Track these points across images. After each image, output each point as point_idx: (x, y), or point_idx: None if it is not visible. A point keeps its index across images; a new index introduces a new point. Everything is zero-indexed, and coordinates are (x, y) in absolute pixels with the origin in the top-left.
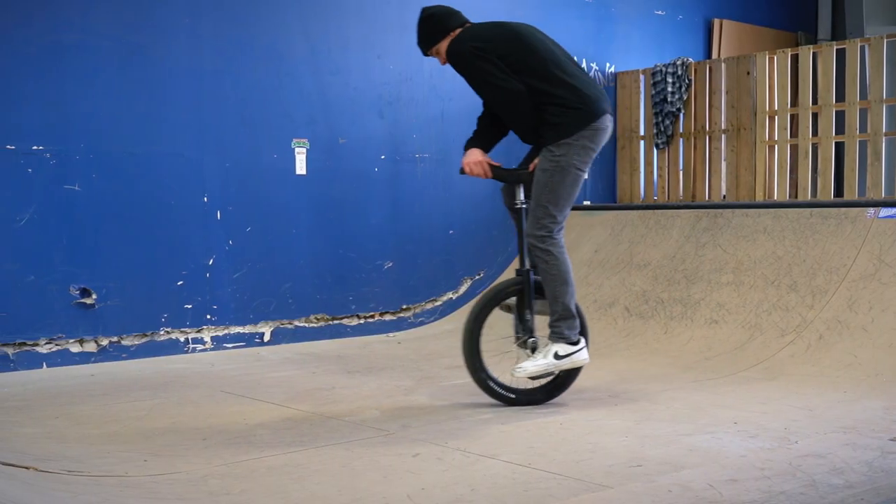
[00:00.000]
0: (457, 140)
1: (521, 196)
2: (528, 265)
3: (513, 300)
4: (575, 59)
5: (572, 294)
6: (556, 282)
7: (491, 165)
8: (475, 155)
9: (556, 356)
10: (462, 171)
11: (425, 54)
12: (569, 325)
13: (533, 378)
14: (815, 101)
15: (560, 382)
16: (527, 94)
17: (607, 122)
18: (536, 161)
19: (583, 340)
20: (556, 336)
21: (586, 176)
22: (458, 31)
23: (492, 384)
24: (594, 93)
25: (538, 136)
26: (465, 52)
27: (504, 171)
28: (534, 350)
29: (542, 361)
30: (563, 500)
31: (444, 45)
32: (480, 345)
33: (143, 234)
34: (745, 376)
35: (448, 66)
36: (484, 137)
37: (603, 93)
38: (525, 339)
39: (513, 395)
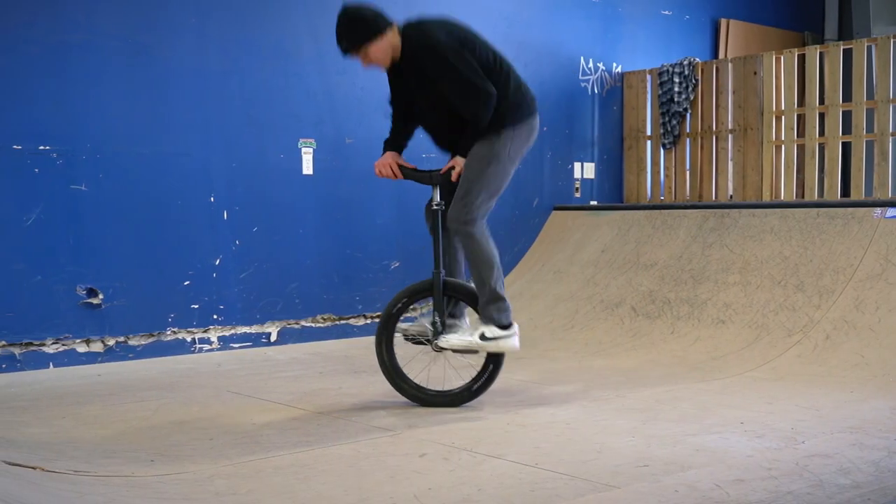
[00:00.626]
0: None
1: (438, 197)
2: (443, 269)
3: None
4: None
5: (499, 277)
6: (483, 265)
7: (402, 167)
8: (386, 157)
9: (483, 337)
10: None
11: (347, 54)
12: (498, 308)
13: (455, 351)
14: (821, 101)
15: (483, 383)
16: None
17: (538, 121)
18: (451, 163)
19: (515, 326)
20: (487, 319)
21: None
22: (390, 30)
23: (405, 385)
24: (532, 92)
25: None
26: (447, 46)
27: (416, 172)
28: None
29: (468, 338)
30: (570, 500)
31: (374, 46)
32: (394, 350)
33: (150, 234)
34: (752, 376)
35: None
36: (398, 138)
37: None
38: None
39: (429, 395)
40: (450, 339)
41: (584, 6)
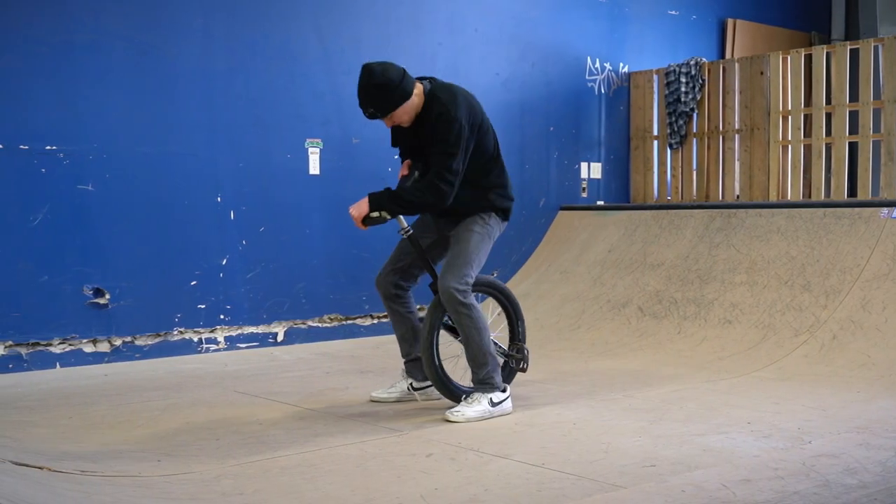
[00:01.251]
0: None
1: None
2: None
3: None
4: None
5: (490, 341)
6: (479, 333)
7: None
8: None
9: (492, 403)
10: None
11: (373, 118)
12: (497, 373)
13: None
14: (828, 101)
15: None
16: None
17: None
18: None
19: (508, 388)
20: (490, 387)
21: None
22: (415, 90)
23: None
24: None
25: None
26: (462, 128)
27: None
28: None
29: (480, 408)
30: (577, 500)
31: (402, 109)
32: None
33: (157, 233)
34: (759, 376)
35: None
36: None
37: None
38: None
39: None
40: (465, 413)
41: (591, 6)
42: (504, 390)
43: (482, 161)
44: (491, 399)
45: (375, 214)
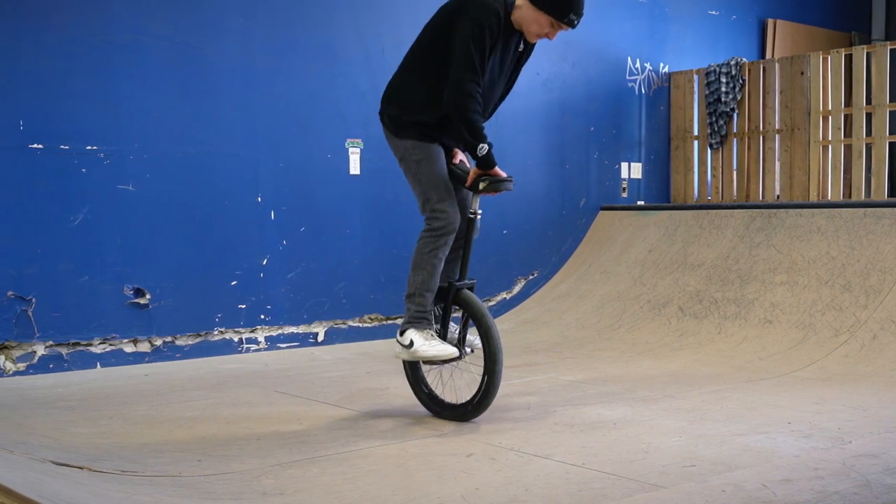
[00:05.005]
0: (511, 139)
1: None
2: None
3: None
4: None
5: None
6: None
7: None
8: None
9: (408, 344)
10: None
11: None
12: (414, 316)
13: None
14: (868, 101)
15: (480, 398)
16: None
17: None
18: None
19: (429, 336)
20: (408, 324)
21: None
22: None
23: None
24: None
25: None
26: None
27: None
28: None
29: (397, 348)
30: (617, 500)
31: None
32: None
33: (197, 233)
34: (799, 376)
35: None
36: None
37: None
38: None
39: (438, 409)
40: (395, 348)
41: (632, 6)
42: (426, 333)
43: None
44: (412, 340)
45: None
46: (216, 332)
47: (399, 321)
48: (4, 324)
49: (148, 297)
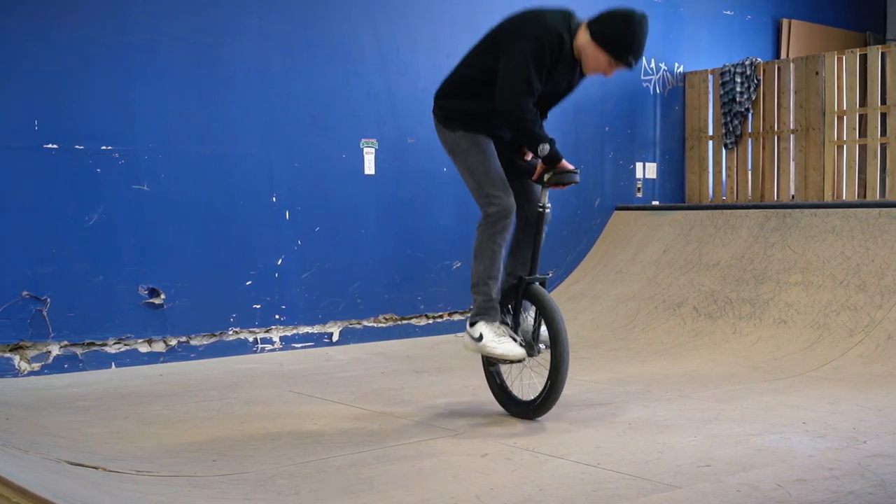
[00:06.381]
0: None
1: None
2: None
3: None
4: None
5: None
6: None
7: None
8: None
9: (478, 337)
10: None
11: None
12: (483, 307)
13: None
14: (883, 101)
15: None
16: None
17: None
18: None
19: (499, 332)
20: (476, 317)
21: None
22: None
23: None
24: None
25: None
26: None
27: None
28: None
29: (466, 339)
30: (632, 500)
31: None
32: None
33: (212, 233)
34: (814, 376)
35: None
36: None
37: None
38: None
39: (506, 402)
40: (464, 339)
41: (646, 6)
42: (495, 326)
43: None
44: (481, 333)
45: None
46: (231, 332)
47: (414, 321)
48: (19, 324)
49: (163, 296)
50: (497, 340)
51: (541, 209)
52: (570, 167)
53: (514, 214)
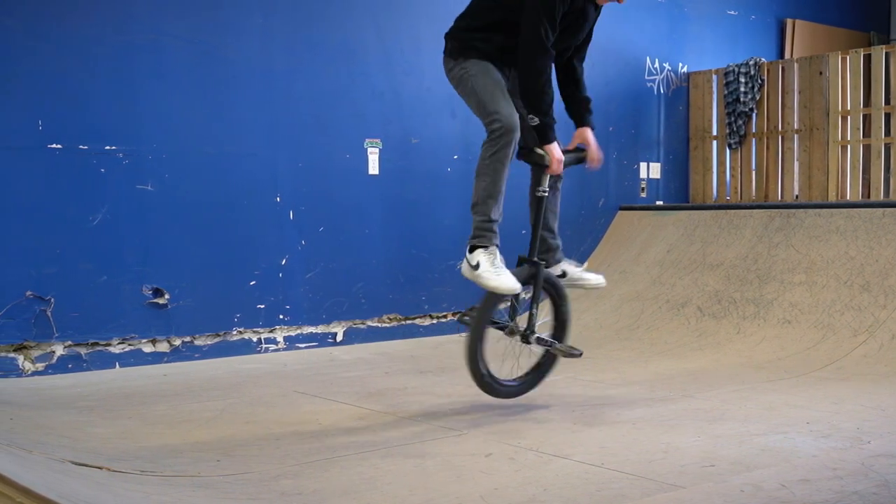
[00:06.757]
0: None
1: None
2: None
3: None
4: None
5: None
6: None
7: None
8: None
9: (475, 265)
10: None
11: None
12: (483, 231)
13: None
14: (887, 101)
15: (538, 373)
16: None
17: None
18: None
19: (493, 261)
20: (475, 240)
21: None
22: None
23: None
24: None
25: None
26: None
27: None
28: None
29: (465, 265)
30: (636, 500)
31: None
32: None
33: (216, 233)
34: (818, 376)
35: None
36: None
37: None
38: (524, 332)
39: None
40: (462, 266)
41: (650, 6)
42: (493, 256)
43: None
44: (479, 262)
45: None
46: (235, 333)
47: (418, 321)
48: (23, 324)
49: (167, 296)
50: (493, 271)
51: (539, 194)
52: (556, 155)
53: (517, 132)
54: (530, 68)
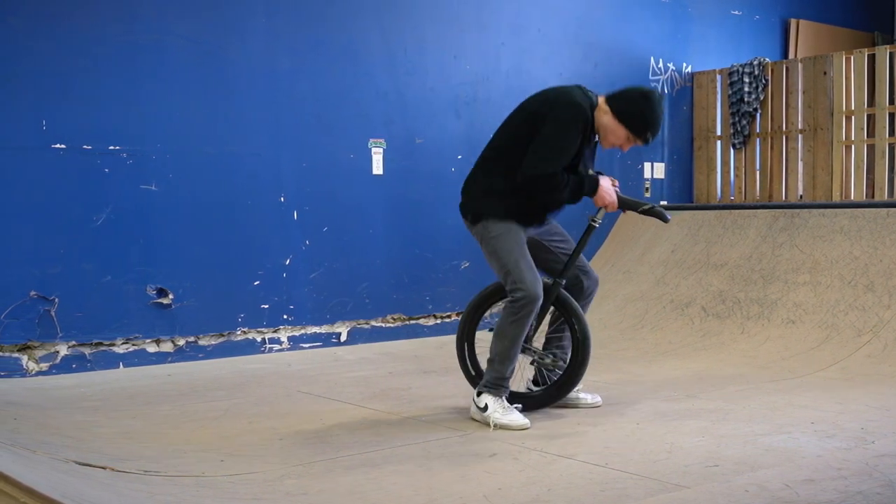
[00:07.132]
0: None
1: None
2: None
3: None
4: None
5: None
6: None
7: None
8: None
9: (483, 407)
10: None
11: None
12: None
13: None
14: (891, 101)
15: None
16: None
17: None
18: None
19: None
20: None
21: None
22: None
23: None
24: None
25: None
26: None
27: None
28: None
29: (473, 408)
30: (640, 500)
31: None
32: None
33: (220, 233)
34: (822, 376)
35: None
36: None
37: None
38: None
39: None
40: (471, 409)
41: (654, 6)
42: (501, 400)
43: None
44: (486, 404)
45: None
46: (239, 332)
47: (422, 321)
48: (27, 324)
49: (171, 296)
50: (501, 411)
51: (591, 223)
52: (609, 198)
53: (539, 302)
54: (545, 177)
